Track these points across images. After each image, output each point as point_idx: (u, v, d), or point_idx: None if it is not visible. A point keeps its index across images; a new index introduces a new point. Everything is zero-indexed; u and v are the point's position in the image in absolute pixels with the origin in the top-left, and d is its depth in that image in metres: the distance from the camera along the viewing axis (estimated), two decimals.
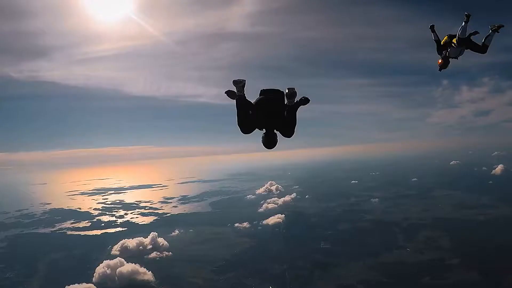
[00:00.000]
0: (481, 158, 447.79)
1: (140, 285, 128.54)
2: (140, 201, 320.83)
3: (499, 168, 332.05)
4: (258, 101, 14.12)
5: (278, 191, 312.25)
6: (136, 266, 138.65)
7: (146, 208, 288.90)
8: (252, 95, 14.31)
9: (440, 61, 20.26)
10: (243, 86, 13.79)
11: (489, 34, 18.55)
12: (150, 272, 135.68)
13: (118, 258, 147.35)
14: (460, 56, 19.80)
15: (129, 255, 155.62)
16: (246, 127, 13.91)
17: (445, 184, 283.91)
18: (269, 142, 14.07)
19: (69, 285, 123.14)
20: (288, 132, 13.91)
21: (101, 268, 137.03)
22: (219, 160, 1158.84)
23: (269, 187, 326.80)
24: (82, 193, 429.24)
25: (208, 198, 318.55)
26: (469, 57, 19.54)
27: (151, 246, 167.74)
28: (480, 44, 18.88)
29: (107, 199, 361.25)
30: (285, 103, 13.91)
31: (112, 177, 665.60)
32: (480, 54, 19.16)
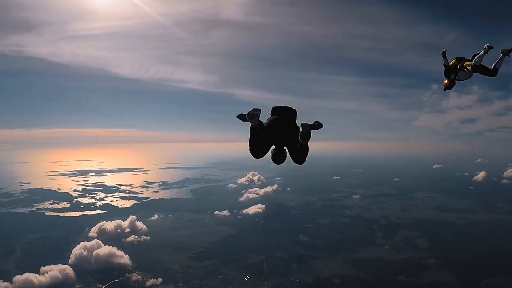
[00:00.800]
0: (464, 164, 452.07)
1: (116, 268, 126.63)
2: (120, 185, 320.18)
3: (481, 175, 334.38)
4: (270, 123, 13.82)
5: (260, 182, 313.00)
6: (113, 249, 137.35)
7: (127, 191, 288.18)
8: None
9: (446, 81, 20.03)
10: (259, 116, 13.32)
11: (500, 58, 18.10)
12: (127, 255, 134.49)
13: (95, 240, 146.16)
14: (468, 79, 19.54)
15: (106, 237, 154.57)
16: (258, 153, 13.74)
17: (427, 186, 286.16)
18: (278, 158, 13.95)
19: (44, 266, 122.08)
20: (300, 160, 13.78)
21: (78, 250, 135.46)
22: (202, 148, 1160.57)
23: (251, 177, 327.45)
24: (63, 174, 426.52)
25: (190, 185, 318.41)
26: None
27: (129, 229, 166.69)
28: (491, 67, 18.58)
29: (87, 181, 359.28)
30: (296, 123, 13.87)
31: (94, 159, 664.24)
32: (492, 77, 18.91)
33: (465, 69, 18.91)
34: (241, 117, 13.44)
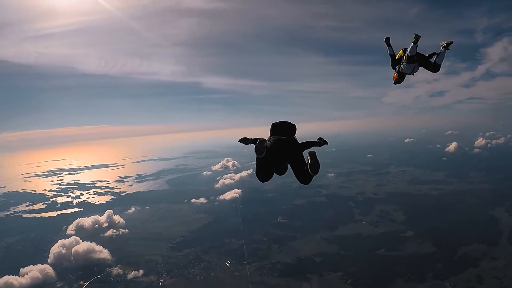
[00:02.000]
0: (435, 136, 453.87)
1: (96, 264, 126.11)
2: (96, 181, 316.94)
3: (452, 146, 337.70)
4: (272, 146, 13.77)
5: (235, 167, 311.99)
6: (92, 245, 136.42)
7: (102, 187, 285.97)
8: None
9: (395, 75, 19.30)
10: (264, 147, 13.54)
11: (440, 52, 17.75)
12: (107, 250, 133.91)
13: (73, 237, 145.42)
14: (415, 73, 18.90)
15: (85, 234, 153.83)
16: (265, 179, 14.05)
17: (400, 160, 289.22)
18: (281, 172, 14.29)
19: (24, 268, 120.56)
20: (305, 181, 13.76)
21: (56, 248, 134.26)
22: (175, 139, 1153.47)
23: (225, 163, 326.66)
24: (37, 175, 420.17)
25: (165, 176, 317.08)
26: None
27: (107, 224, 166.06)
28: (433, 62, 18.07)
29: (62, 180, 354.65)
30: (296, 139, 14.45)
31: (67, 158, 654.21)
32: (434, 72, 18.47)
33: (403, 61, 18.53)
34: (244, 141, 14.14)
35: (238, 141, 14.07)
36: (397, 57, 19.00)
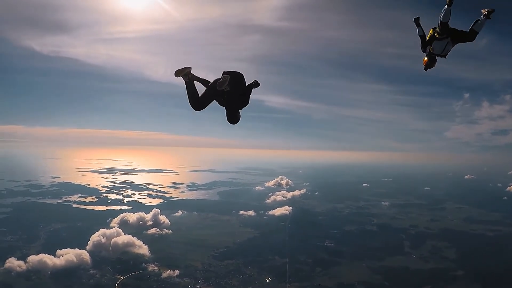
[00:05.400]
0: (496, 175, 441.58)
1: (133, 258, 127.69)
2: (149, 184, 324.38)
3: None
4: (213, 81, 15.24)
5: (288, 186, 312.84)
6: (133, 239, 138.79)
7: (154, 190, 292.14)
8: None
9: (425, 59, 17.79)
10: (187, 74, 14.69)
11: (480, 20, 15.89)
12: (146, 246, 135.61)
13: (115, 228, 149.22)
14: (447, 53, 17.28)
15: (128, 228, 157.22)
16: (197, 106, 15.07)
17: (457, 197, 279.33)
18: (232, 118, 15.69)
19: (61, 250, 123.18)
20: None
21: (96, 237, 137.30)
22: (231, 153, 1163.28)
23: (279, 181, 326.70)
24: (93, 171, 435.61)
25: (217, 188, 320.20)
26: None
27: (151, 222, 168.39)
28: (467, 30, 16.37)
29: (116, 178, 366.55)
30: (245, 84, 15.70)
31: (124, 159, 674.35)
32: (470, 42, 16.60)
33: (436, 34, 16.82)
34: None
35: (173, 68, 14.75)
36: (427, 38, 17.44)
